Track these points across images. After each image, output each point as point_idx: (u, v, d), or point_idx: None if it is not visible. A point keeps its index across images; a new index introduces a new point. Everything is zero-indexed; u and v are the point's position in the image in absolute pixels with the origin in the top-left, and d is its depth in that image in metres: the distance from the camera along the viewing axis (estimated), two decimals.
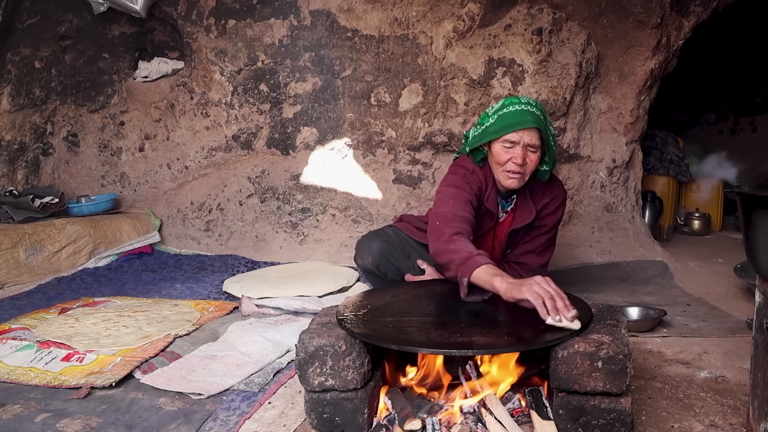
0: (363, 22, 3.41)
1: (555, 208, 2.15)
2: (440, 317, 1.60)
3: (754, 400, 1.36)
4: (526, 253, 2.18)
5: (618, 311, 1.59)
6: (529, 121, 1.90)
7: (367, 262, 2.27)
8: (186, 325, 2.30)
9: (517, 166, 1.94)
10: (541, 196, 2.12)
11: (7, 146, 3.78)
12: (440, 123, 3.36)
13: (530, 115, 1.90)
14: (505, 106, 1.95)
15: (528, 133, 1.92)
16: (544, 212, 2.14)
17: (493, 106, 2.01)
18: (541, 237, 2.17)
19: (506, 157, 1.95)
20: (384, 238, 2.28)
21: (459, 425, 1.41)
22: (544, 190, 2.13)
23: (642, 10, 3.21)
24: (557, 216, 2.17)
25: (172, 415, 1.61)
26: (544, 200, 2.12)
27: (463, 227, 1.85)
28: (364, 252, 2.27)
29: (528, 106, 1.93)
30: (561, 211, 2.18)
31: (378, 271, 2.27)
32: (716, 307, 2.68)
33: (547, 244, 2.20)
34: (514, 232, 2.14)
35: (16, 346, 2.05)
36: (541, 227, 2.16)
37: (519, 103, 1.93)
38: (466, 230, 1.85)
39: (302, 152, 3.64)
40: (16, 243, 3.16)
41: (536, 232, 2.17)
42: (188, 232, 3.87)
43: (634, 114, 3.39)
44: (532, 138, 1.92)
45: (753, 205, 1.27)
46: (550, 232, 2.18)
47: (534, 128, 1.91)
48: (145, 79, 4.00)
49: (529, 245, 2.18)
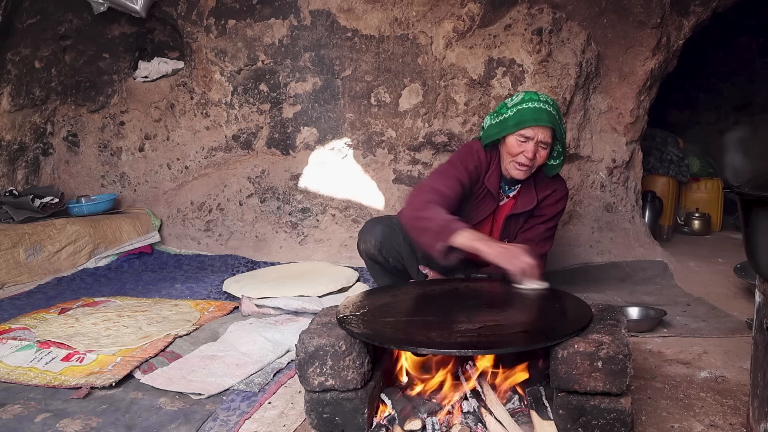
0: (363, 22, 3.41)
1: (556, 200, 2.23)
2: (440, 317, 1.60)
3: (754, 400, 1.36)
4: (525, 241, 2.22)
5: (618, 311, 1.59)
6: (544, 120, 2.00)
7: (369, 245, 2.27)
8: (186, 325, 2.30)
9: (528, 159, 2.04)
10: (544, 187, 2.21)
11: (7, 146, 3.78)
12: (440, 123, 3.36)
13: (546, 114, 2.00)
14: (525, 101, 2.04)
15: (542, 131, 2.02)
16: (545, 202, 2.22)
17: (513, 98, 2.11)
18: (540, 226, 2.23)
19: (519, 150, 2.05)
20: (388, 223, 2.30)
21: (459, 425, 1.41)
22: (548, 182, 2.22)
23: (642, 10, 3.21)
24: (558, 208, 2.24)
25: (172, 415, 1.61)
26: (546, 192, 2.21)
27: (437, 198, 1.96)
28: (368, 235, 2.28)
29: (546, 104, 2.03)
30: (561, 205, 2.25)
31: (380, 256, 2.27)
32: (716, 307, 2.68)
33: (546, 235, 2.25)
34: (513, 218, 2.21)
35: (16, 346, 2.05)
36: (541, 216, 2.23)
37: (538, 101, 2.03)
38: (440, 202, 1.95)
39: (302, 152, 3.64)
40: (16, 243, 3.16)
41: (536, 220, 2.23)
42: (188, 232, 3.87)
43: (634, 114, 3.39)
44: (545, 135, 2.03)
45: (753, 205, 1.27)
46: (549, 223, 2.24)
47: (549, 127, 2.01)
48: (145, 79, 4.00)
49: (529, 233, 2.24)
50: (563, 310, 1.64)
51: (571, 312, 1.59)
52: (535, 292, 1.74)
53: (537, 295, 1.78)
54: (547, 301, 1.74)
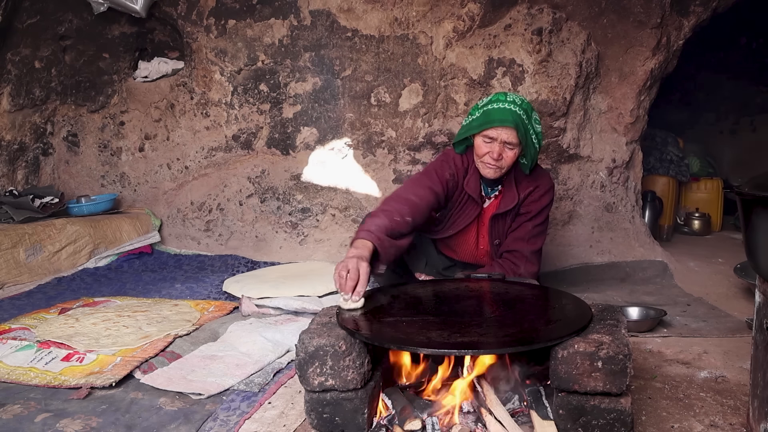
0: (363, 22, 3.41)
1: (540, 196, 2.24)
2: (440, 317, 1.60)
3: (754, 400, 1.36)
4: (516, 240, 2.25)
5: (618, 311, 1.59)
6: (507, 120, 2.00)
7: None
8: (186, 325, 2.30)
9: (493, 160, 2.06)
10: (526, 185, 2.22)
11: (7, 146, 3.78)
12: (440, 123, 3.36)
13: (510, 114, 2.00)
14: (492, 102, 2.06)
15: (505, 131, 2.03)
16: (528, 199, 2.23)
17: (484, 99, 2.13)
18: (528, 224, 2.24)
19: (485, 150, 2.07)
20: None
21: (459, 425, 1.41)
22: (530, 179, 2.23)
23: (642, 10, 3.21)
24: (542, 203, 2.24)
25: (172, 415, 1.61)
26: (529, 188, 2.22)
27: (398, 206, 1.95)
28: None
29: (512, 105, 2.03)
30: (546, 199, 2.25)
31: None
32: (716, 307, 2.68)
33: (535, 232, 2.25)
34: (499, 218, 2.22)
35: (16, 346, 2.05)
36: (527, 213, 2.24)
37: (504, 101, 2.04)
38: (400, 210, 1.94)
39: (302, 152, 3.64)
40: (16, 243, 3.16)
41: (523, 218, 2.24)
42: (188, 232, 3.87)
43: (634, 114, 3.39)
44: (509, 136, 2.03)
45: (753, 205, 1.27)
46: (536, 219, 2.25)
47: (511, 127, 2.01)
48: (145, 79, 4.00)
49: (518, 232, 2.25)
50: (563, 310, 1.64)
51: (571, 312, 1.59)
52: (348, 313, 1.58)
53: (536, 296, 1.78)
54: (547, 301, 1.74)
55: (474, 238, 2.29)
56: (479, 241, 2.29)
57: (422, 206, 2.02)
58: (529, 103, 2.11)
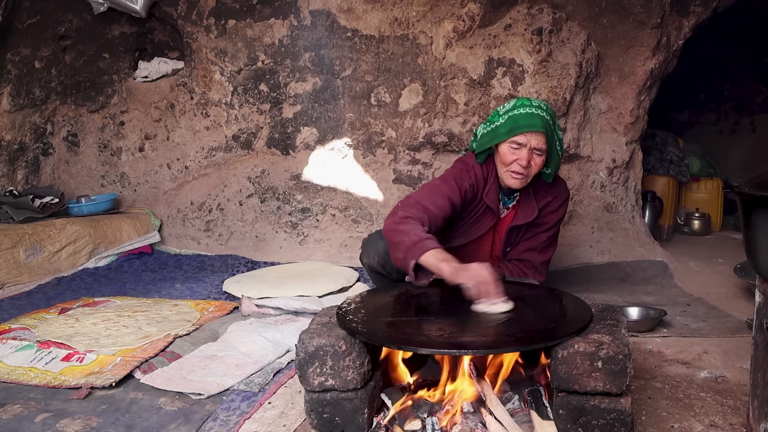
0: (363, 22, 3.41)
1: (557, 207, 2.18)
2: (440, 317, 1.60)
3: (754, 400, 1.36)
4: (527, 250, 2.19)
5: (618, 311, 1.59)
6: (537, 125, 1.93)
7: (373, 261, 2.26)
8: (186, 325, 2.30)
9: (522, 167, 1.97)
10: (544, 194, 2.15)
11: (7, 146, 3.78)
12: (440, 123, 3.36)
13: (539, 119, 1.93)
14: (516, 108, 1.97)
15: (535, 137, 1.95)
16: (546, 210, 2.16)
17: (505, 105, 2.03)
18: (543, 234, 2.19)
19: (512, 158, 1.98)
20: None
21: (459, 425, 1.41)
22: (547, 189, 2.16)
23: (642, 10, 3.21)
24: (559, 214, 2.20)
25: (172, 415, 1.61)
26: (547, 199, 2.15)
27: (419, 215, 1.88)
28: (371, 251, 2.27)
29: (538, 109, 1.96)
30: (563, 210, 2.21)
31: (383, 271, 2.27)
32: (716, 307, 2.68)
33: (548, 242, 2.22)
34: (515, 229, 2.16)
35: (16, 346, 2.05)
36: (543, 224, 2.18)
37: (530, 106, 1.96)
38: (422, 218, 1.87)
39: (302, 152, 3.64)
40: (16, 243, 3.16)
41: (538, 229, 2.19)
42: (188, 232, 3.87)
43: (634, 114, 3.39)
44: (539, 141, 1.95)
45: (753, 205, 1.27)
46: (551, 230, 2.20)
47: (542, 132, 1.94)
48: (145, 79, 4.00)
49: (531, 242, 2.20)
50: (563, 310, 1.64)
51: (571, 312, 1.59)
52: (497, 316, 1.55)
53: (536, 295, 1.78)
54: (547, 301, 1.74)
55: (488, 247, 2.21)
56: (493, 249, 2.22)
57: (439, 217, 1.95)
58: (553, 110, 2.05)
